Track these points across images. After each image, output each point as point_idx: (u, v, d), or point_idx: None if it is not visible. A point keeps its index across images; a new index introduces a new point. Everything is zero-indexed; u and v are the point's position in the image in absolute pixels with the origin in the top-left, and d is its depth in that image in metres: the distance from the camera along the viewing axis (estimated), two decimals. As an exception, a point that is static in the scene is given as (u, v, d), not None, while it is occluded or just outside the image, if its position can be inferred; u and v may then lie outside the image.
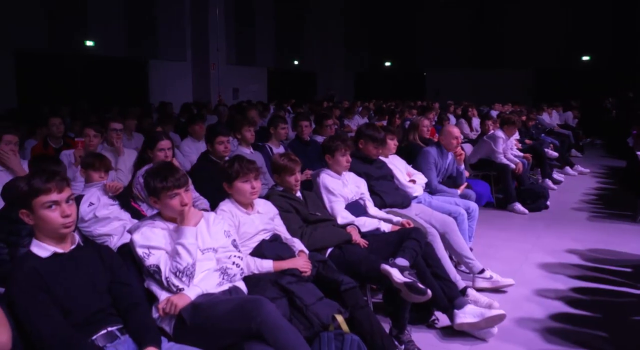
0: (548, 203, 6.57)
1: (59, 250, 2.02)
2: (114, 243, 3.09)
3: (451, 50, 21.68)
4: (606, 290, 4.06)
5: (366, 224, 3.53)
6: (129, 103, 10.85)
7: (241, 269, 2.52)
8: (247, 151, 4.75)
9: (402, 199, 4.14)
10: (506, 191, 6.51)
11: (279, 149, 5.16)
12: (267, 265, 2.73)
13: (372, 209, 3.82)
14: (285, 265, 2.73)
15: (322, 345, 2.38)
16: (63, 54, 13.09)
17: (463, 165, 4.94)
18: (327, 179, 3.69)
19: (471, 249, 4.17)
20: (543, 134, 9.76)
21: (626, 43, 18.38)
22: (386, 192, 4.07)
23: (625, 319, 3.57)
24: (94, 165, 3.40)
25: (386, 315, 3.14)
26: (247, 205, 2.92)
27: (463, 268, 4.10)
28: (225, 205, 2.88)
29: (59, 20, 12.83)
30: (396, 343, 2.87)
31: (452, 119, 9.75)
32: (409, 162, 4.81)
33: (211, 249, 2.48)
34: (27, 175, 2.03)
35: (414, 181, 4.51)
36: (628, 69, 17.77)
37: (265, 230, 2.91)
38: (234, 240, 2.62)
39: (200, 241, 2.43)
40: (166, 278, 2.29)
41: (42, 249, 2.00)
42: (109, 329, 2.01)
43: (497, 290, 3.92)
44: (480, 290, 3.82)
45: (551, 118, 12.24)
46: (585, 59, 19.95)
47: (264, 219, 2.94)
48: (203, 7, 16.04)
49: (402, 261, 3.01)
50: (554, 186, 7.74)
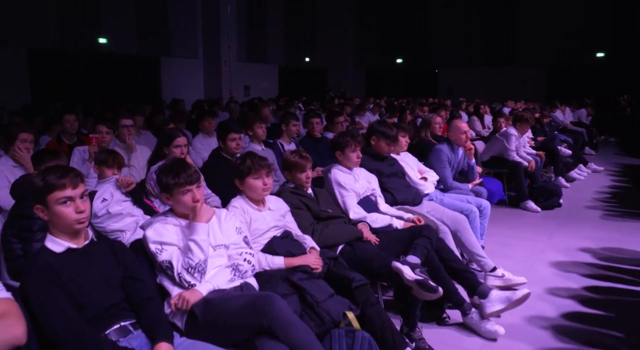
0: (561, 201, 6.51)
1: (73, 245, 2.04)
2: (127, 239, 3.12)
3: (463, 47, 21.57)
4: (619, 289, 4.02)
5: (378, 220, 3.52)
6: (141, 100, 10.93)
7: (252, 266, 2.53)
8: (259, 148, 4.76)
9: (414, 196, 4.13)
10: (519, 189, 6.46)
11: (290, 146, 5.17)
12: (278, 261, 2.73)
13: (383, 205, 3.82)
14: (296, 262, 2.73)
15: (333, 341, 2.39)
16: (76, 52, 13.22)
17: (474, 160, 4.92)
18: (339, 174, 3.69)
19: (483, 247, 4.15)
20: (556, 132, 9.67)
21: (641, 39, 18.17)
22: (397, 189, 4.06)
23: (639, 319, 3.54)
24: (107, 161, 3.43)
25: (397, 313, 3.14)
26: (259, 201, 2.92)
27: (474, 266, 4.08)
28: (237, 202, 2.89)
29: (72, 18, 12.96)
30: (407, 340, 2.86)
31: (464, 116, 9.69)
32: (420, 160, 4.79)
33: (223, 245, 2.49)
34: (42, 171, 2.05)
35: (425, 178, 4.50)
36: (643, 66, 17.57)
37: (276, 226, 2.92)
38: (246, 236, 2.63)
39: (212, 237, 2.44)
40: (178, 274, 2.31)
41: (57, 244, 2.02)
42: (122, 323, 2.03)
43: (509, 288, 3.89)
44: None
45: (564, 115, 12.13)
46: (599, 55, 19.74)
47: (275, 215, 2.95)
48: (214, 5, 16.08)
49: (414, 259, 3.01)
50: (567, 184, 7.66)
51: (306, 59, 22.30)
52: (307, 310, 2.47)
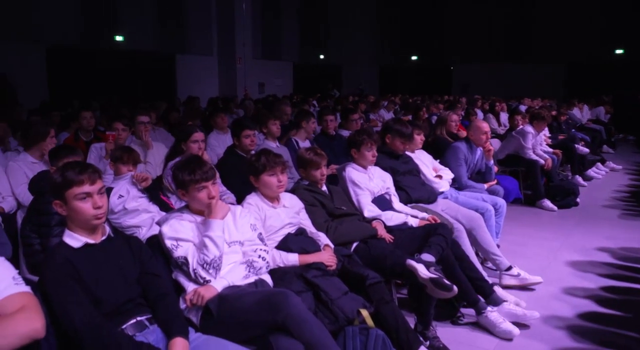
0: (578, 200, 6.43)
1: (91, 241, 2.07)
2: (143, 234, 3.15)
3: (480, 44, 21.36)
4: (637, 289, 3.96)
5: (392, 218, 3.51)
6: (157, 97, 11.02)
7: (267, 262, 2.53)
8: (273, 145, 4.77)
9: (428, 194, 4.11)
10: (535, 187, 6.39)
11: (305, 143, 5.17)
12: (293, 258, 2.74)
13: (398, 204, 3.80)
14: (310, 259, 2.74)
15: (347, 339, 2.39)
16: (93, 49, 13.35)
17: (492, 161, 4.87)
18: (353, 172, 3.69)
19: (498, 246, 4.11)
20: (574, 130, 9.55)
21: (662, 36, 17.84)
22: (412, 187, 4.04)
23: (658, 320, 3.49)
24: (122, 158, 3.46)
25: (411, 311, 3.13)
26: (274, 198, 2.93)
27: (490, 265, 4.05)
28: (252, 199, 2.90)
29: (90, 16, 13.09)
30: (421, 339, 2.85)
31: (480, 114, 9.61)
32: (435, 157, 4.77)
33: (237, 242, 2.50)
34: (61, 167, 2.08)
35: (440, 176, 4.47)
36: (663, 63, 17.25)
37: (291, 223, 2.92)
38: (260, 233, 2.64)
39: (227, 234, 2.45)
40: (194, 270, 2.33)
41: (74, 240, 2.05)
42: (138, 318, 2.05)
43: (525, 288, 3.86)
44: (507, 287, 3.78)
45: (582, 113, 11.97)
46: (618, 52, 19.42)
47: (289, 212, 2.95)
48: (229, 2, 16.14)
49: (428, 257, 2.99)
50: (585, 183, 7.57)
51: (321, 56, 22.27)
52: (321, 308, 2.47)
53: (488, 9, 21.10)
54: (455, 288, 2.79)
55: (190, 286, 2.35)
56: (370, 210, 3.53)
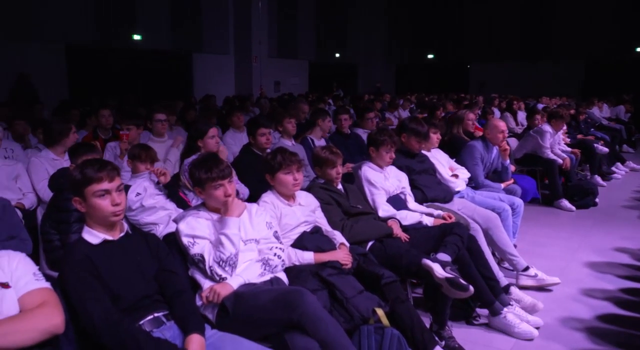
0: (597, 200, 6.34)
1: (109, 237, 2.09)
2: (160, 232, 3.18)
3: (497, 42, 21.13)
4: (658, 291, 3.90)
5: (408, 217, 3.50)
6: (174, 96, 11.10)
7: (282, 260, 2.54)
8: (289, 143, 4.78)
9: (444, 194, 4.08)
10: (553, 187, 6.31)
11: (320, 142, 5.17)
12: (308, 256, 2.74)
13: (412, 203, 3.79)
14: (326, 257, 2.74)
15: (362, 338, 2.39)
16: (112, 48, 13.50)
17: (508, 160, 4.83)
18: (369, 171, 3.68)
19: (515, 246, 4.08)
20: (593, 129, 9.42)
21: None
22: (428, 187, 4.02)
23: (679, 322, 3.42)
24: (139, 156, 3.49)
25: (426, 311, 3.12)
26: (289, 197, 2.94)
27: (506, 265, 4.02)
28: (268, 197, 2.91)
29: (108, 15, 13.24)
30: (436, 339, 2.84)
31: (497, 113, 9.52)
32: (452, 156, 4.73)
33: (253, 240, 2.52)
34: (80, 165, 2.11)
35: (456, 175, 4.44)
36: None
37: (306, 222, 2.93)
38: (276, 231, 2.65)
39: (242, 232, 2.46)
40: (210, 267, 2.34)
41: (93, 236, 2.07)
42: (156, 314, 2.07)
43: (542, 289, 3.82)
44: (524, 288, 3.74)
45: (601, 112, 11.79)
46: (639, 50, 19.07)
47: (305, 211, 2.96)
48: (246, 1, 16.20)
49: (444, 256, 2.97)
50: (604, 183, 7.46)
51: (336, 55, 22.24)
52: (337, 306, 2.47)
53: (505, 6, 20.86)
54: (471, 288, 2.77)
55: (206, 283, 2.36)
56: (385, 209, 3.52)
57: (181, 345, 1.97)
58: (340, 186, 3.39)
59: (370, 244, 3.18)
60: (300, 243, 2.82)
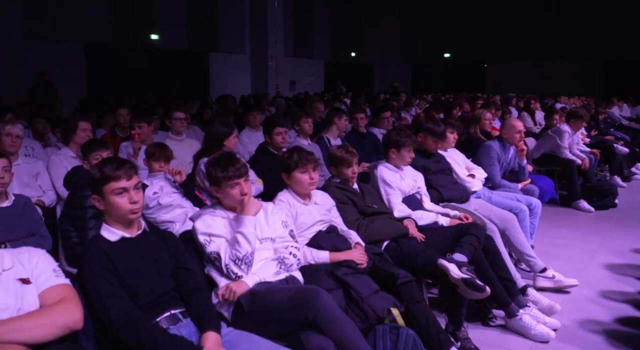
0: (616, 201, 6.24)
1: (127, 234, 2.11)
2: (177, 230, 3.20)
3: (514, 41, 20.90)
4: (679, 294, 3.83)
5: (423, 217, 3.48)
6: (190, 95, 11.19)
7: (298, 259, 2.55)
8: (305, 143, 4.78)
9: (461, 194, 4.05)
10: (571, 188, 6.23)
11: (336, 141, 5.17)
12: (324, 256, 2.74)
13: (428, 203, 3.77)
14: (341, 256, 2.74)
15: (377, 337, 2.38)
16: (129, 48, 13.65)
17: (525, 160, 4.78)
18: (385, 171, 3.66)
19: (533, 247, 4.03)
20: (612, 129, 9.27)
21: None
22: (444, 186, 3.99)
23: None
24: (154, 154, 3.53)
25: (442, 311, 3.09)
26: (305, 196, 2.94)
27: (523, 266, 3.97)
28: (284, 196, 2.92)
29: (126, 15, 13.39)
30: (452, 340, 2.82)
31: (514, 112, 9.43)
32: (468, 156, 4.70)
33: (269, 238, 2.52)
34: (99, 163, 2.13)
35: (473, 175, 4.41)
36: None
37: (322, 221, 2.93)
38: (292, 230, 2.65)
39: (258, 231, 2.47)
40: (226, 265, 2.36)
41: (111, 233, 2.10)
42: (172, 311, 2.08)
43: (560, 290, 3.78)
44: (541, 290, 3.70)
45: (621, 111, 11.60)
46: (660, 49, 18.74)
47: (321, 210, 2.96)
48: (262, 1, 16.25)
49: (460, 257, 2.96)
50: (623, 183, 7.34)
51: (352, 54, 22.21)
52: (352, 306, 2.47)
53: (523, 5, 20.63)
54: (487, 289, 2.75)
55: (222, 281, 2.38)
56: (400, 210, 3.50)
57: (197, 342, 1.99)
58: (355, 185, 3.39)
59: (385, 243, 3.17)
60: (316, 242, 2.82)
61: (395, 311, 2.47)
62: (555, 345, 3.06)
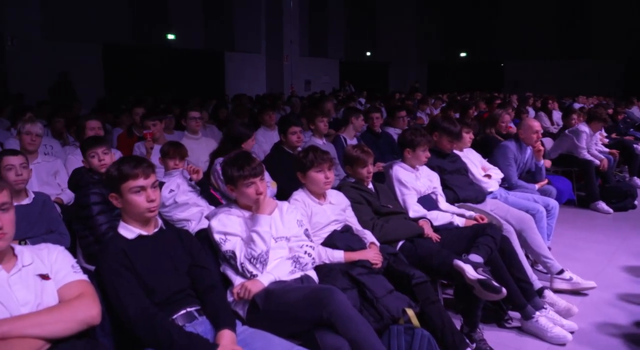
0: (636, 202, 6.15)
1: (144, 232, 2.14)
2: (192, 228, 3.23)
3: (532, 40, 20.68)
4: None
5: (439, 217, 3.46)
6: (206, 94, 11.26)
7: (313, 259, 2.55)
8: (320, 142, 4.79)
9: (477, 194, 4.02)
10: (589, 189, 6.15)
11: (352, 141, 5.17)
12: (338, 255, 2.74)
13: (444, 203, 3.74)
14: (356, 256, 2.73)
15: (392, 338, 2.38)
16: (147, 48, 13.79)
17: (542, 161, 4.72)
18: (400, 171, 3.65)
19: (550, 249, 3.98)
20: (632, 129, 9.13)
21: None
22: (460, 187, 3.97)
23: None
24: (168, 153, 3.56)
25: (457, 312, 3.08)
26: (320, 195, 2.95)
27: (540, 268, 3.93)
28: (299, 195, 2.92)
29: (143, 16, 13.54)
30: (467, 341, 2.80)
31: (531, 112, 9.33)
32: (484, 156, 4.66)
33: (284, 237, 2.53)
34: (117, 162, 2.16)
35: (489, 176, 4.37)
36: None
37: (336, 220, 2.93)
38: (307, 229, 2.66)
39: (273, 230, 2.48)
40: (241, 264, 2.37)
41: (129, 231, 2.12)
42: (188, 309, 2.10)
43: (577, 292, 3.73)
44: (558, 292, 3.66)
45: (641, 112, 11.40)
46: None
47: (335, 209, 2.96)
48: (277, 1, 16.29)
49: (476, 257, 2.93)
50: (644, 185, 7.22)
51: (367, 54, 22.17)
52: (366, 305, 2.47)
53: (540, 3, 20.39)
54: (504, 290, 2.73)
55: (237, 280, 2.39)
56: (415, 210, 3.48)
57: (213, 340, 2.00)
58: (370, 185, 3.38)
59: (400, 243, 3.16)
60: (331, 241, 2.82)
61: (410, 311, 2.47)
62: (572, 348, 3.02)
